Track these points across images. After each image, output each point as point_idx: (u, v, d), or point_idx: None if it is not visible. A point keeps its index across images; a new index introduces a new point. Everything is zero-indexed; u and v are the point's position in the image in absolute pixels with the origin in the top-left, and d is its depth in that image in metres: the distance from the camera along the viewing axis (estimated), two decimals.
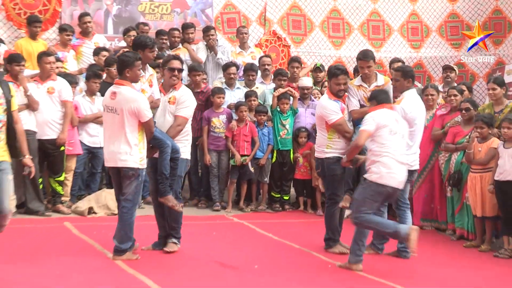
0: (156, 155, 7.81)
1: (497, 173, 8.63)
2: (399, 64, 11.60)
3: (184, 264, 7.60)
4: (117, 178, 7.63)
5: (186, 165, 8.24)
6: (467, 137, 9.35)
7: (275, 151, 11.23)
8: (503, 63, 14.72)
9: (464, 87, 10.44)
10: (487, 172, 8.85)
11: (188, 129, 8.18)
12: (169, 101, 8.00)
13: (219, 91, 11.04)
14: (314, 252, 8.39)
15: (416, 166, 8.46)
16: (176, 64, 8.14)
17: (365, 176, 7.59)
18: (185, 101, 8.05)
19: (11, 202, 6.11)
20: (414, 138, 8.27)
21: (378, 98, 7.81)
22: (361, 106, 8.55)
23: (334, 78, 8.36)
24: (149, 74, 8.09)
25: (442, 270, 7.99)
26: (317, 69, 12.18)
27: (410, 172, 8.22)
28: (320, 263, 7.96)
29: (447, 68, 11.88)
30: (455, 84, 11.01)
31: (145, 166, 7.59)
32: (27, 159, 6.54)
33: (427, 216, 10.19)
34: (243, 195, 11.20)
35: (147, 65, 8.12)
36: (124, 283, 6.77)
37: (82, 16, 12.12)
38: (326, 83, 10.29)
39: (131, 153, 7.37)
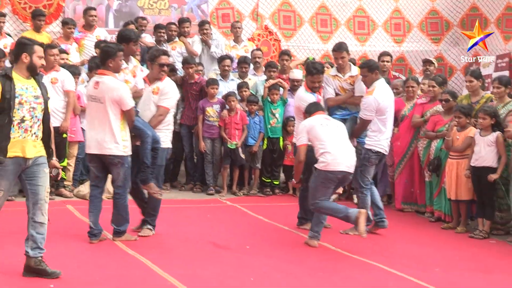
0: (138, 143, 7.74)
1: (473, 159, 8.71)
2: (387, 57, 11.73)
3: (180, 245, 7.64)
4: (99, 164, 7.52)
5: (167, 153, 8.22)
6: (447, 125, 9.43)
7: (265, 139, 11.28)
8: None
9: (440, 79, 10.54)
10: (463, 158, 8.92)
11: (169, 119, 8.16)
12: (153, 91, 7.95)
13: (213, 82, 11.08)
14: (302, 233, 8.43)
15: (386, 150, 8.64)
16: (165, 59, 8.11)
17: (315, 165, 7.77)
18: (168, 92, 8.01)
19: (46, 194, 6.13)
20: (386, 125, 8.52)
21: (309, 111, 8.07)
22: (336, 94, 8.91)
23: (310, 76, 8.61)
24: (133, 65, 8.03)
25: (421, 249, 8.06)
26: (307, 62, 12.22)
27: (381, 156, 8.44)
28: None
29: (426, 62, 11.97)
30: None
31: (129, 153, 7.47)
32: (55, 161, 6.52)
33: (408, 200, 10.27)
34: (235, 180, 11.25)
35: (131, 56, 8.06)
36: (124, 263, 6.81)
37: (88, 9, 12.04)
38: None
39: (116, 141, 7.30)
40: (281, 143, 11.28)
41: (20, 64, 6.09)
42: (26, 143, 6.06)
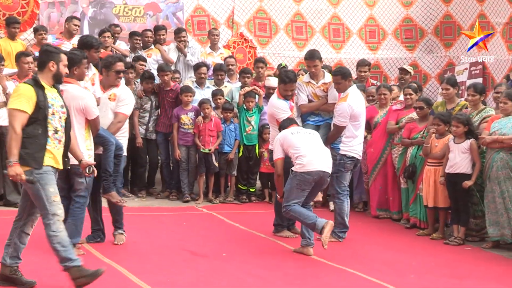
0: (99, 152, 7.56)
1: (447, 166, 8.79)
2: (366, 67, 11.83)
3: (156, 253, 7.61)
4: (62, 175, 6.99)
5: (124, 161, 8.13)
6: (422, 132, 9.51)
7: (241, 146, 11.27)
8: (453, 64, 14.95)
9: (414, 86, 10.67)
10: (441, 166, 8.99)
11: (125, 127, 8.08)
12: (109, 98, 7.85)
13: (186, 89, 11.06)
14: (279, 240, 8.49)
15: (360, 155, 8.75)
16: (121, 66, 7.98)
17: (292, 168, 7.84)
18: (125, 99, 7.94)
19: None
20: (358, 130, 8.64)
21: (284, 126, 8.18)
22: (310, 101, 8.98)
23: (283, 85, 8.67)
24: (92, 73, 7.84)
25: (396, 256, 8.12)
26: (282, 68, 12.25)
27: (356, 161, 8.53)
28: (284, 251, 8.04)
29: (402, 71, 12.09)
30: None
31: (93, 162, 6.94)
32: (86, 161, 6.55)
33: (382, 206, 10.31)
34: (211, 188, 11.21)
35: (91, 64, 7.87)
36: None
37: (72, 18, 11.82)
38: None
39: (80, 150, 6.86)
40: (257, 150, 11.28)
41: (47, 72, 6.07)
42: (59, 155, 6.08)
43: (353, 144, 8.53)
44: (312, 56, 8.93)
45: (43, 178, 5.90)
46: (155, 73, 11.69)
